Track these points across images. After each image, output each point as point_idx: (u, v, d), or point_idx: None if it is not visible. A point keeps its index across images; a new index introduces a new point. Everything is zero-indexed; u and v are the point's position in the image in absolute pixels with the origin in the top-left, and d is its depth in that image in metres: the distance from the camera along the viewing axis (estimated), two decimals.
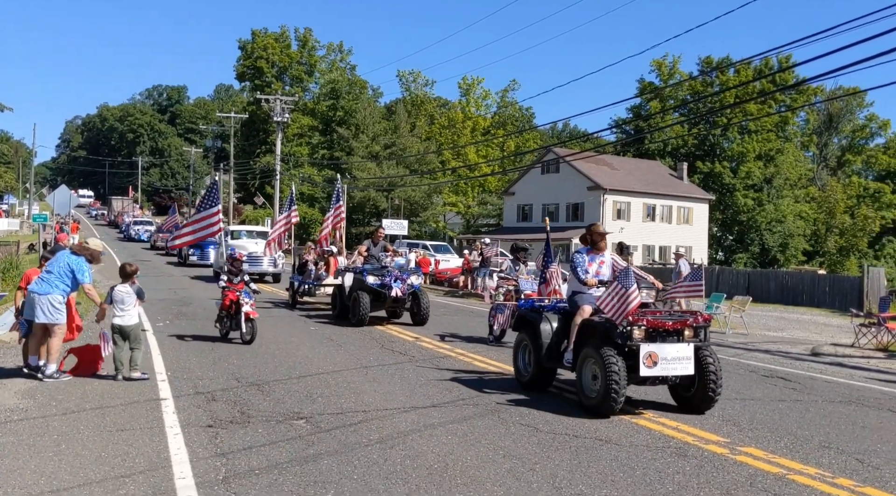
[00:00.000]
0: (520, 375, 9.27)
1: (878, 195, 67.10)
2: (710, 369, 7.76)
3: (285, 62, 76.06)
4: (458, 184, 60.55)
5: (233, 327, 12.12)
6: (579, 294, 8.52)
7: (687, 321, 7.82)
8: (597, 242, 8.84)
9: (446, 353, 11.77)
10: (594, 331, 8.05)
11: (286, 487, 5.26)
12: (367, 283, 14.89)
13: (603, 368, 7.42)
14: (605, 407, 7.50)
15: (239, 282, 12.23)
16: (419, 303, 15.30)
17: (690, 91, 64.86)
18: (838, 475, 5.95)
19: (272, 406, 7.76)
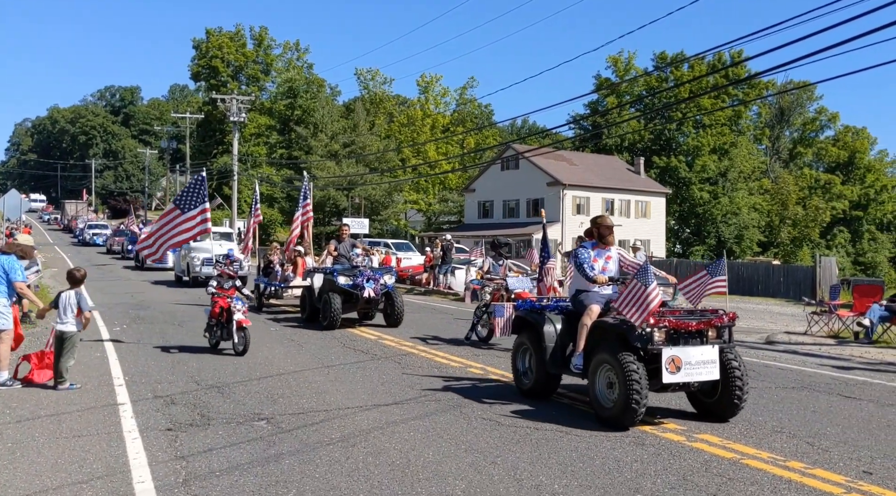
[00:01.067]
0: (520, 382, 8.55)
1: (829, 186, 68.85)
2: (735, 374, 7.11)
3: (241, 61, 75.21)
4: (418, 181, 60.54)
5: (224, 337, 11.29)
6: (585, 293, 7.83)
7: (711, 321, 7.14)
8: (604, 236, 8.10)
9: (408, 351, 11.80)
10: (608, 333, 7.36)
11: (247, 488, 5.25)
12: (338, 284, 14.17)
13: (622, 375, 6.73)
14: (626, 418, 6.80)
15: (230, 287, 11.40)
16: (393, 304, 14.68)
17: (646, 87, 65.78)
18: (790, 458, 6.12)
19: (233, 408, 7.71)
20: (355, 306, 14.59)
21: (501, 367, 10.41)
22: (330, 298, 14.05)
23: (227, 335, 11.22)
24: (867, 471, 5.80)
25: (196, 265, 25.14)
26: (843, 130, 74.29)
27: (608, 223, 8.20)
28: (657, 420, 7.38)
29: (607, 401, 7.07)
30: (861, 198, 70.14)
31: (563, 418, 7.44)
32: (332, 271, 14.52)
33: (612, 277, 7.85)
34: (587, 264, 7.89)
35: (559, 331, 8.01)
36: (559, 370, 7.99)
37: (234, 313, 11.00)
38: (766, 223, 64.40)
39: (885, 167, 76.42)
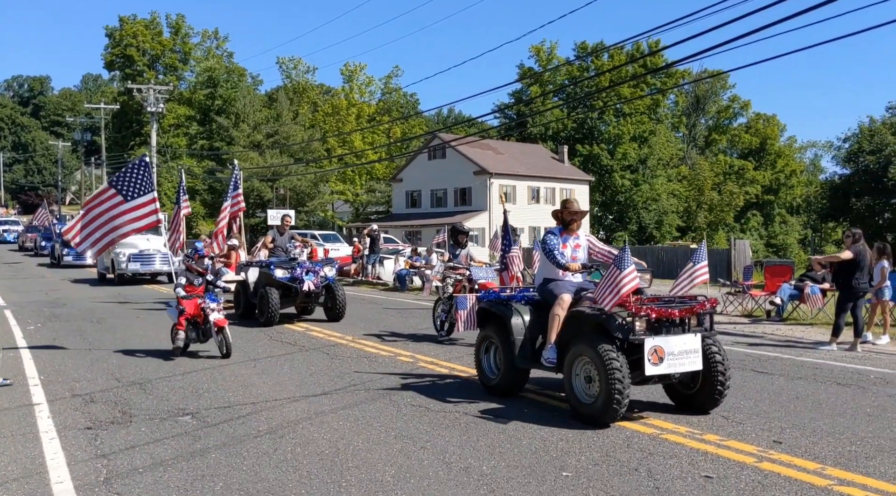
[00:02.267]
0: (486, 379, 8.00)
1: (742, 172, 71.57)
2: (717, 364, 6.78)
3: (157, 50, 72.96)
4: (344, 172, 60.05)
5: (198, 338, 10.31)
6: (554, 281, 7.40)
7: (694, 308, 6.79)
8: (569, 222, 7.66)
9: (337, 341, 11.74)
10: (584, 324, 6.94)
11: (172, 483, 5.15)
12: (275, 278, 13.40)
13: (602, 369, 6.34)
14: (608, 414, 6.41)
15: (202, 284, 10.39)
16: (334, 297, 13.99)
17: (568, 76, 66.88)
18: (706, 432, 6.38)
19: (156, 404, 7.53)
20: (294, 301, 13.95)
21: (431, 354, 10.48)
22: (267, 293, 13.32)
23: (201, 336, 10.28)
24: (777, 441, 6.11)
25: (122, 262, 23.51)
26: (755, 118, 77.26)
27: (574, 208, 7.74)
28: None
29: (586, 397, 6.68)
30: (772, 182, 73.15)
31: (492, 404, 7.55)
32: (269, 264, 13.83)
33: (585, 264, 7.47)
34: (557, 251, 7.44)
35: (528, 323, 7.50)
36: (529, 364, 7.50)
37: (210, 313, 10.03)
38: (684, 208, 66.55)
39: (794, 153, 79.90)
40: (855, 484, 5.07)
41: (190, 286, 10.37)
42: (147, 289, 21.75)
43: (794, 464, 5.50)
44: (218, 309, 10.11)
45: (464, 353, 10.68)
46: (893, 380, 8.70)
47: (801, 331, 13.14)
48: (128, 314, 15.69)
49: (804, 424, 6.64)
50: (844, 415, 7.03)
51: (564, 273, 7.38)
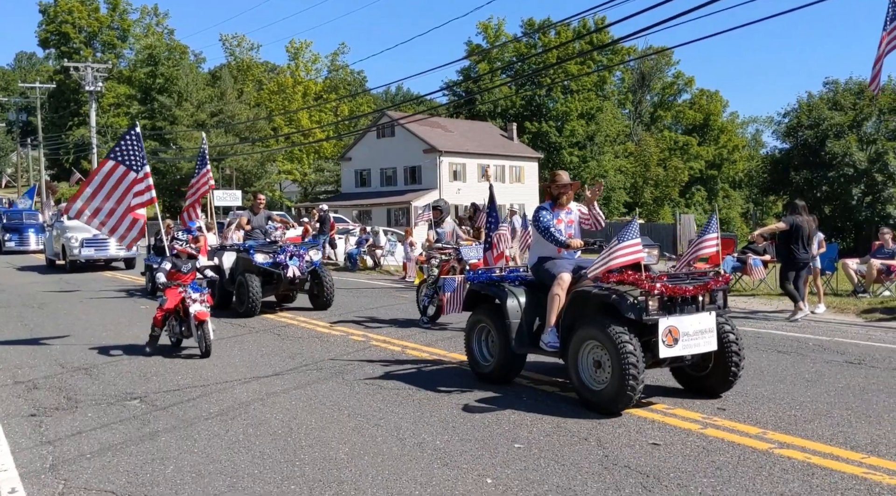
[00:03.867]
0: (478, 366, 7.48)
1: (687, 147, 72.87)
2: (731, 344, 6.41)
3: (94, 27, 70.62)
4: (292, 151, 59.27)
5: (186, 333, 9.16)
6: (550, 260, 6.96)
7: (708, 284, 6.31)
8: (558, 196, 7.20)
9: (288, 322, 11.66)
10: (591, 304, 6.44)
11: (121, 468, 5.07)
12: (256, 263, 12.20)
13: (615, 353, 5.86)
14: (620, 401, 5.96)
15: (191, 270, 9.29)
16: (322, 284, 12.81)
17: (516, 53, 66.95)
18: (653, 402, 6.54)
19: (102, 389, 7.38)
20: (277, 288, 12.76)
21: (383, 333, 10.49)
22: (247, 280, 12.07)
23: (185, 331, 9.15)
24: (721, 408, 6.30)
25: (74, 247, 21.76)
26: (699, 94, 78.58)
27: (562, 180, 7.23)
28: (532, 374, 7.68)
29: (595, 383, 6.20)
30: (716, 158, 74.67)
31: (446, 379, 7.60)
32: (248, 248, 12.54)
33: (588, 241, 7.06)
34: (553, 227, 7.01)
35: (524, 305, 7.01)
36: (526, 349, 7.03)
37: (191, 304, 8.88)
38: (630, 184, 67.56)
39: (737, 128, 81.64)
40: (794, 446, 5.26)
41: (177, 273, 9.22)
42: (101, 277, 20.63)
43: (737, 429, 5.68)
44: (201, 300, 8.95)
45: (417, 332, 10.73)
46: (830, 347, 9.03)
47: (743, 302, 13.51)
48: (71, 300, 15.31)
49: (747, 391, 6.85)
50: (784, 381, 7.28)
51: (561, 251, 6.97)
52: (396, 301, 14.74)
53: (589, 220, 7.13)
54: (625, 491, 4.50)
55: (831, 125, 43.28)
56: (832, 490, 4.45)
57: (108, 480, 4.85)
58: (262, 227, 13.30)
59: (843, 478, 4.64)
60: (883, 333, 10.04)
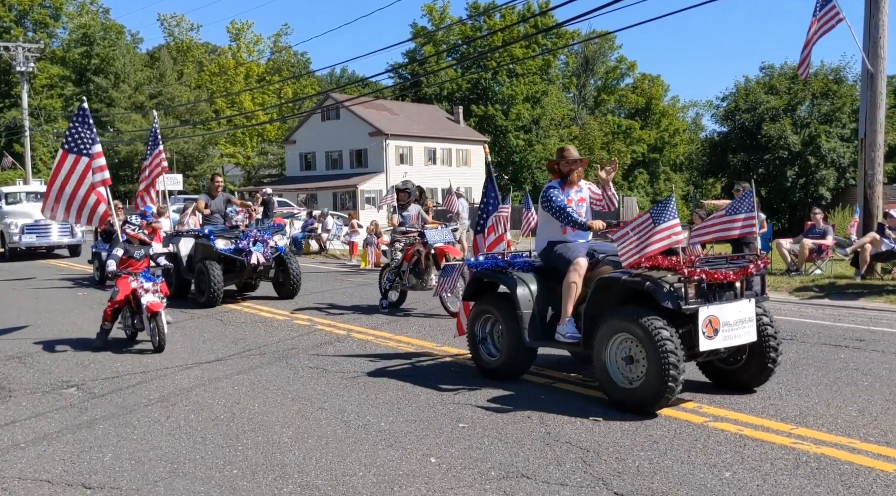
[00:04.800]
0: (483, 361, 6.87)
1: (629, 131, 73.89)
2: (768, 334, 5.88)
3: (25, 5, 67.73)
4: (234, 134, 58.20)
5: (139, 326, 8.54)
6: (562, 244, 6.48)
7: (748, 269, 5.77)
8: (568, 173, 6.67)
9: (230, 308, 11.50)
10: (613, 291, 5.88)
11: (58, 456, 4.96)
12: (217, 250, 11.46)
13: (651, 347, 5.32)
14: (657, 400, 5.42)
15: (144, 257, 8.65)
16: (287, 271, 12.13)
17: (461, 35, 66.80)
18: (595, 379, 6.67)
19: (37, 377, 7.18)
20: (239, 276, 12.00)
21: (336, 318, 10.44)
22: (207, 268, 11.34)
23: (138, 323, 8.54)
24: None
25: (13, 233, 20.61)
26: (641, 78, 79.68)
27: (572, 155, 6.67)
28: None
29: (625, 381, 5.64)
30: (657, 141, 75.92)
31: (390, 363, 7.61)
32: (208, 234, 11.74)
33: (609, 222, 6.42)
34: (570, 208, 6.47)
35: (535, 295, 6.45)
36: (541, 343, 6.45)
37: (143, 295, 8.24)
38: None
39: (677, 112, 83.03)
40: (727, 419, 5.43)
41: (129, 260, 8.57)
42: (43, 265, 19.75)
43: (673, 404, 5.83)
44: (154, 290, 8.35)
45: (379, 318, 10.71)
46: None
47: None
48: (5, 288, 14.81)
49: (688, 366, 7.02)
50: None
51: (567, 232, 6.52)
52: (342, 284, 14.67)
53: (602, 200, 6.68)
54: (566, 465, 4.60)
55: (767, 109, 44.40)
56: (762, 459, 4.62)
57: (44, 470, 4.74)
58: (221, 211, 12.51)
59: (772, 448, 4.82)
60: (814, 310, 10.42)
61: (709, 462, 4.60)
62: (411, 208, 11.49)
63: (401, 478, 4.46)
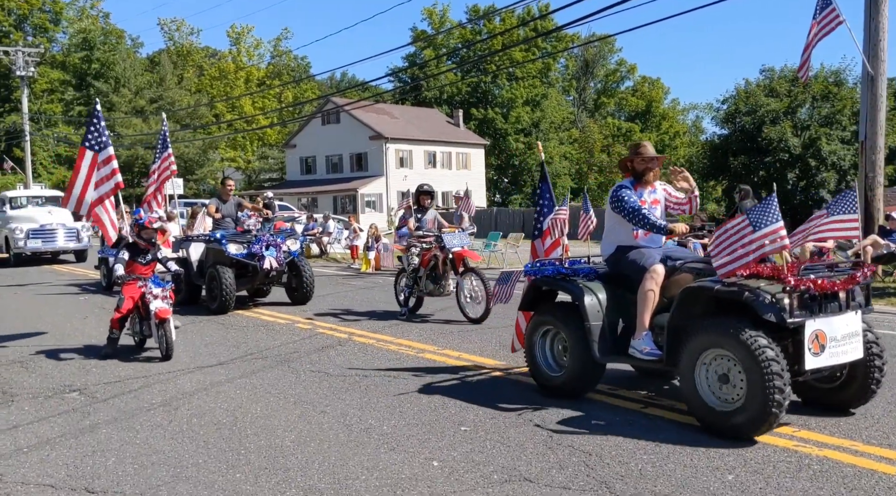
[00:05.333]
0: (544, 378, 6.31)
1: (630, 134, 73.92)
2: (873, 350, 5.33)
3: (24, 9, 67.86)
4: (234, 138, 58.26)
5: (146, 332, 8.34)
6: (635, 249, 5.93)
7: (855, 277, 5.21)
8: (643, 172, 6.09)
9: (233, 312, 11.49)
10: (700, 301, 5.33)
11: (61, 461, 4.96)
12: (229, 254, 11.24)
13: (752, 363, 4.76)
14: (760, 424, 4.87)
15: (150, 262, 8.43)
16: (300, 276, 11.94)
17: (461, 39, 66.89)
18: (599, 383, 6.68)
19: (40, 382, 7.19)
20: (252, 281, 11.79)
21: (325, 320, 10.44)
22: (219, 273, 11.12)
23: (147, 330, 8.32)
24: (657, 391, 6.45)
25: (18, 238, 20.32)
26: (641, 81, 79.77)
27: (648, 152, 6.07)
28: (478, 357, 7.76)
29: (719, 403, 5.09)
30: (657, 144, 75.90)
31: (391, 365, 7.61)
32: (220, 238, 11.50)
33: (693, 226, 5.97)
34: (646, 209, 5.90)
35: (605, 305, 5.91)
36: (611, 357, 5.88)
37: (151, 301, 8.08)
38: (575, 170, 68.38)
39: (677, 115, 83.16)
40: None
41: (135, 264, 8.35)
42: (48, 271, 19.49)
43: (678, 407, 5.82)
44: (163, 296, 8.17)
45: (392, 324, 10.70)
46: None
47: None
48: (7, 294, 14.83)
49: None
50: None
51: (638, 235, 5.96)
52: (344, 288, 14.68)
53: (685, 205, 6.16)
54: (568, 469, 4.60)
55: (767, 112, 44.40)
56: (765, 462, 4.62)
57: (47, 474, 4.75)
58: (232, 216, 12.33)
59: (775, 451, 4.82)
60: None
61: (711, 465, 4.60)
62: (429, 213, 11.11)
63: (403, 482, 4.47)
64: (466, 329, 9.61)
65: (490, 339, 8.75)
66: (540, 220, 7.43)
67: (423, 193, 11.14)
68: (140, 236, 8.46)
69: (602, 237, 6.33)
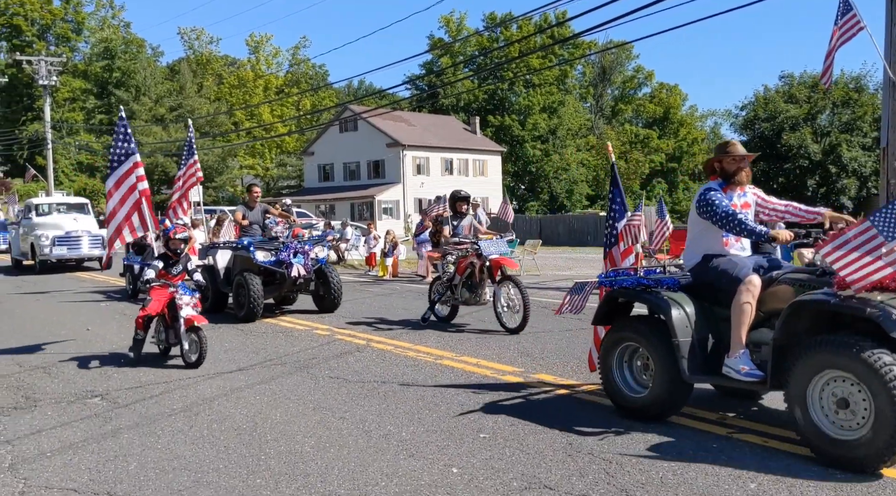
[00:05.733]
0: (624, 398, 5.83)
1: (647, 140, 73.64)
2: None
3: (48, 19, 68.91)
4: (253, 145, 58.67)
5: (171, 340, 8.30)
6: (725, 258, 5.49)
7: None
8: (734, 173, 5.60)
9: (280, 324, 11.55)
10: (809, 316, 4.87)
11: (83, 465, 5.01)
12: (257, 261, 11.11)
13: (880, 387, 4.27)
14: (887, 458, 4.36)
15: (180, 272, 8.32)
16: (328, 283, 11.69)
17: (478, 47, 67.03)
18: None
19: (62, 387, 7.26)
20: (279, 289, 11.63)
21: (343, 327, 10.46)
22: (247, 281, 10.95)
23: (172, 337, 8.28)
24: None
25: (44, 245, 20.19)
26: (659, 87, 79.45)
27: (739, 151, 5.62)
28: (493, 364, 7.74)
29: (837, 430, 4.59)
30: (675, 150, 75.60)
31: (409, 372, 7.62)
32: (247, 245, 11.39)
33: (798, 231, 5.39)
34: (741, 213, 5.41)
35: (694, 319, 5.44)
36: (703, 377, 5.41)
37: (181, 307, 8.00)
38: (593, 177, 68.18)
39: (696, 121, 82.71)
40: (754, 431, 5.38)
41: (165, 274, 8.28)
42: (73, 278, 19.41)
43: (698, 415, 5.79)
44: (193, 303, 8.09)
45: (418, 331, 10.70)
46: None
47: None
48: (26, 298, 15.00)
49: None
50: None
51: (728, 243, 5.55)
52: (361, 295, 14.71)
53: (774, 212, 5.76)
54: (588, 477, 4.58)
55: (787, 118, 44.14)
56: (787, 471, 4.57)
57: (70, 478, 4.79)
58: (259, 222, 12.23)
59: (798, 459, 4.76)
60: None
61: (733, 474, 4.56)
62: (465, 219, 10.79)
63: (423, 489, 4.46)
64: (484, 337, 9.60)
65: (509, 347, 8.74)
66: (613, 226, 6.93)
67: (460, 199, 10.80)
68: (168, 246, 8.41)
69: (686, 245, 5.88)
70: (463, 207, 10.80)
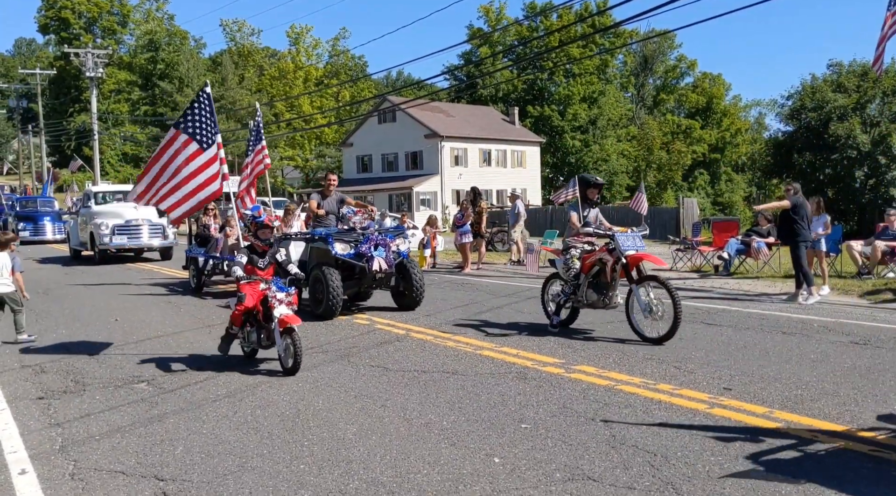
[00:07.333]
0: None
1: (689, 131, 72.60)
2: None
3: (94, 12, 70.34)
4: (293, 137, 59.16)
5: (263, 343, 7.47)
6: None
7: None
8: None
9: None
10: None
11: (131, 449, 5.10)
12: (335, 254, 10.37)
13: None
14: None
15: (268, 265, 7.46)
16: (409, 279, 10.83)
17: (518, 36, 66.60)
18: (659, 382, 6.55)
19: (109, 372, 7.41)
20: (359, 283, 10.77)
21: (382, 316, 10.49)
22: (325, 275, 10.15)
23: (264, 340, 7.44)
24: (727, 388, 6.30)
25: (104, 234, 19.42)
26: (702, 77, 78.20)
27: None
28: (530, 354, 7.70)
29: None
30: (718, 141, 74.41)
31: (449, 361, 7.61)
32: (326, 236, 10.61)
33: None
34: None
35: None
36: None
37: (275, 307, 7.11)
38: (633, 168, 67.40)
39: (739, 111, 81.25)
40: (801, 425, 5.27)
41: (254, 268, 7.40)
42: (134, 269, 18.74)
43: (744, 408, 5.69)
44: (287, 302, 7.17)
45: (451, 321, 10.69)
46: (835, 329, 9.03)
47: (748, 284, 13.50)
48: (76, 286, 15.33)
49: (752, 371, 6.85)
50: (790, 361, 7.28)
51: None
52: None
53: None
54: (633, 470, 4.52)
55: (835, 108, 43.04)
56: (841, 467, 4.46)
57: (118, 461, 4.88)
58: (334, 212, 11.49)
59: (852, 455, 4.65)
60: (888, 314, 10.04)
61: (783, 468, 4.46)
62: (593, 210, 9.46)
63: (465, 478, 4.45)
64: (526, 328, 9.53)
65: (549, 338, 8.67)
66: None
67: (593, 186, 9.35)
68: (257, 236, 7.55)
69: None
70: (595, 195, 9.44)
